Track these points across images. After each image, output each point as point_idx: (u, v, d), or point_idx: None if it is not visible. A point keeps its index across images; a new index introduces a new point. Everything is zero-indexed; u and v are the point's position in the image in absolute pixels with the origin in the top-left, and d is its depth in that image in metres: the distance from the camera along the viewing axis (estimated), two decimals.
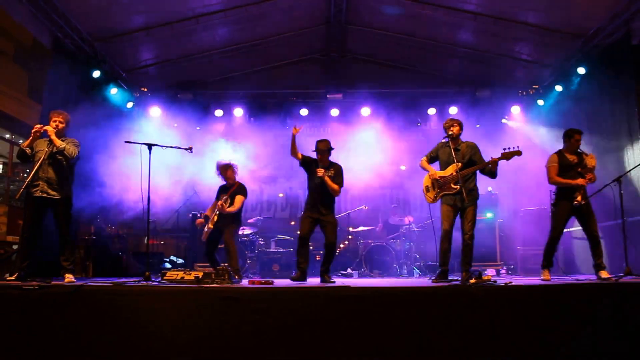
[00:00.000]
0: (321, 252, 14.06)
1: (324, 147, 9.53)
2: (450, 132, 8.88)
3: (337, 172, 9.57)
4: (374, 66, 15.87)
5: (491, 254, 12.58)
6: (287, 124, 15.49)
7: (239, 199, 9.95)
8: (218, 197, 10.20)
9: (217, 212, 9.84)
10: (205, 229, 10.06)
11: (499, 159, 8.52)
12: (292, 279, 9.26)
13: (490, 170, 8.64)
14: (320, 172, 9.32)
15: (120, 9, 11.67)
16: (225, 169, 10.24)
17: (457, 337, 5.99)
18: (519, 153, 8.53)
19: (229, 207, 9.77)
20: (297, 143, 9.45)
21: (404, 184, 15.91)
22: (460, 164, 8.61)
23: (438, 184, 8.89)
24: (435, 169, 9.08)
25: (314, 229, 9.63)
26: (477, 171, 8.80)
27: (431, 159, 9.19)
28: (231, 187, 10.18)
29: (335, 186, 9.44)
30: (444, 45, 14.36)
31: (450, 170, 8.74)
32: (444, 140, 9.03)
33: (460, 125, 8.97)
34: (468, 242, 8.58)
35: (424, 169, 9.19)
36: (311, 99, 16.02)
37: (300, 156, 9.54)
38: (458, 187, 8.53)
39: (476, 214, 8.70)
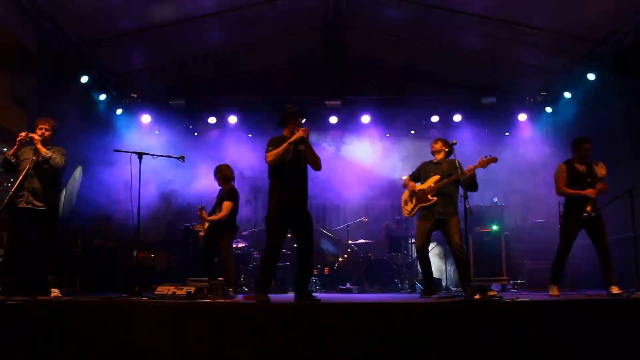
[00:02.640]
0: (319, 265, 14.12)
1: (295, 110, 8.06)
2: (432, 150, 9.59)
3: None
4: (374, 71, 15.88)
5: (497, 268, 12.52)
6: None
7: (225, 205, 9.77)
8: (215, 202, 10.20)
9: (205, 221, 9.87)
10: (200, 234, 10.06)
11: (475, 167, 8.90)
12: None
13: (471, 182, 8.90)
14: (305, 130, 7.63)
15: (110, 11, 11.65)
16: (215, 173, 10.18)
17: (462, 356, 5.99)
18: (494, 160, 8.96)
19: (215, 214, 9.77)
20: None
21: None
22: (438, 176, 9.19)
23: (416, 197, 9.37)
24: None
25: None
26: (460, 187, 8.89)
27: (414, 178, 9.70)
28: (223, 191, 10.12)
29: (317, 155, 7.93)
30: (448, 50, 14.40)
31: (429, 182, 9.27)
32: (427, 160, 9.64)
33: (445, 142, 9.46)
34: (460, 255, 8.85)
35: (405, 186, 9.74)
36: (309, 105, 15.99)
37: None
38: (435, 199, 9.06)
39: (459, 224, 8.98)
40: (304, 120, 8.08)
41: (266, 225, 7.76)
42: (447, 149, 9.40)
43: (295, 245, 7.95)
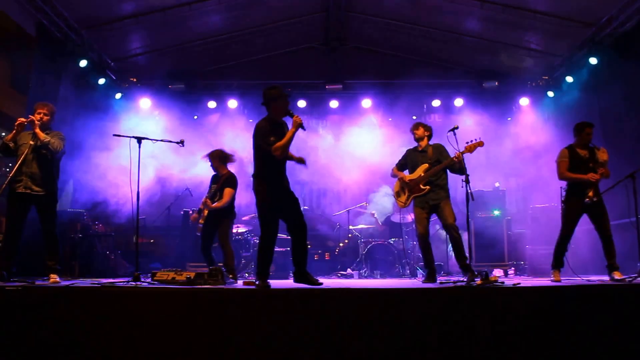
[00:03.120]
0: (320, 250, 14.11)
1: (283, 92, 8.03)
2: (415, 137, 9.57)
3: None
4: (375, 55, 15.81)
5: (498, 253, 12.53)
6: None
7: (227, 192, 9.71)
8: (210, 188, 10.16)
9: (206, 208, 9.83)
10: (200, 223, 10.05)
11: (463, 152, 8.90)
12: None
13: (460, 167, 8.92)
14: (299, 118, 7.71)
15: None
16: (212, 158, 10.10)
17: (463, 340, 5.98)
18: (481, 144, 9.04)
19: (216, 201, 9.73)
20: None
21: None
22: (427, 164, 9.26)
23: (408, 187, 9.42)
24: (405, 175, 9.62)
25: None
26: (448, 170, 9.26)
27: (401, 167, 9.79)
28: (221, 177, 10.04)
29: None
30: (450, 34, 14.32)
31: (419, 172, 9.33)
32: (411, 147, 9.74)
33: (425, 127, 9.54)
34: (454, 234, 8.96)
35: (394, 176, 9.80)
36: (309, 89, 16.00)
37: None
38: (427, 187, 9.16)
39: (452, 207, 9.13)
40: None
41: (260, 211, 7.80)
42: (428, 134, 9.55)
43: (288, 227, 7.92)
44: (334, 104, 15.75)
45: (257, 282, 7.49)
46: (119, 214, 13.14)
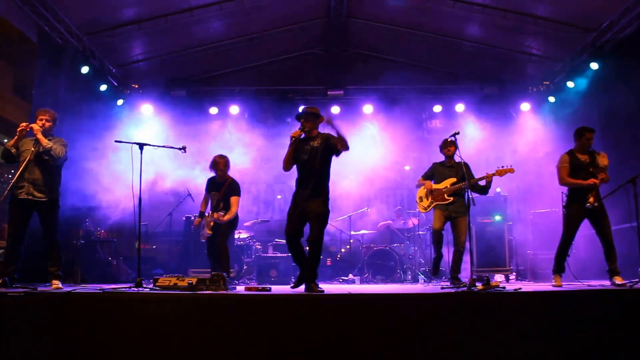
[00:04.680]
0: (321, 256, 14.08)
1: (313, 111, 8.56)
2: (447, 154, 9.89)
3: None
4: (376, 61, 15.82)
5: (500, 258, 12.51)
6: (286, 121, 15.59)
7: (234, 200, 9.80)
8: (208, 191, 10.15)
9: (213, 220, 9.82)
10: (204, 232, 10.05)
11: (493, 174, 9.29)
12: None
13: (483, 187, 9.41)
14: (295, 132, 8.22)
15: (111, 0, 11.63)
16: (216, 160, 10.11)
17: (465, 345, 5.97)
18: (512, 170, 9.32)
19: (225, 214, 9.74)
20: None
21: (408, 185, 15.89)
22: (454, 178, 9.66)
23: (432, 195, 9.84)
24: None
25: (303, 225, 8.34)
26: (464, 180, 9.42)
27: (427, 177, 10.17)
28: (222, 183, 10.06)
29: (343, 137, 8.09)
30: (451, 40, 14.33)
31: (446, 183, 9.74)
32: (437, 161, 10.11)
33: (455, 145, 9.53)
34: (460, 250, 9.44)
35: (419, 186, 10.27)
36: (311, 95, 16.01)
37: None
38: (451, 198, 9.57)
39: (467, 225, 9.28)
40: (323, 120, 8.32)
41: None
42: (456, 150, 9.67)
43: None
44: (335, 109, 15.74)
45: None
46: (121, 220, 13.15)
